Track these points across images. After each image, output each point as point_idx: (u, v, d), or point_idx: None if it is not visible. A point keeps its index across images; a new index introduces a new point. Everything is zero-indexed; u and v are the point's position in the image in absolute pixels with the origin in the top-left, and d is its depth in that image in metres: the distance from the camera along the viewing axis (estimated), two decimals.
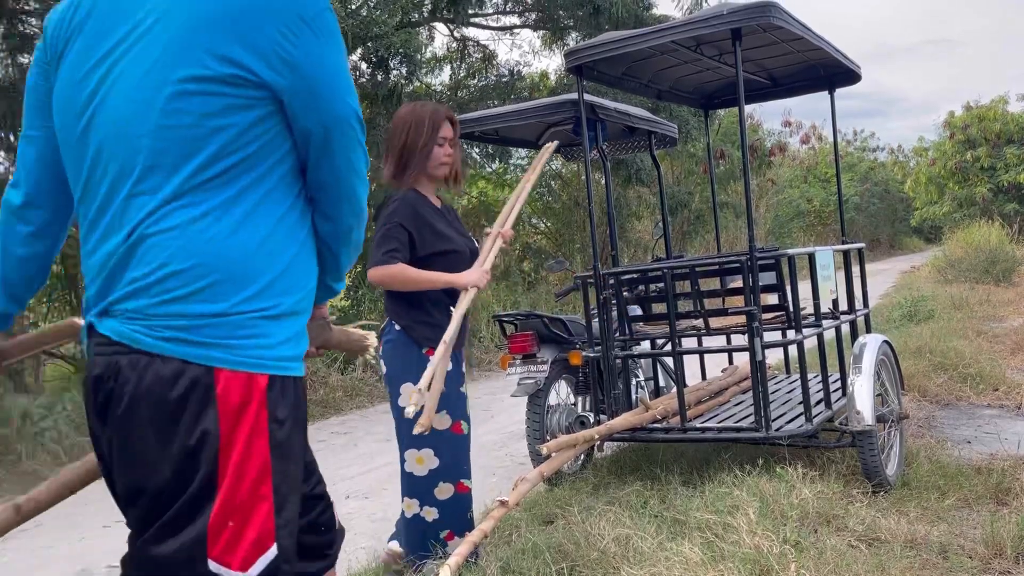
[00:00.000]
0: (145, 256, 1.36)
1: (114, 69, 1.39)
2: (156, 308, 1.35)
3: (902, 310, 9.81)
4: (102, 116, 1.40)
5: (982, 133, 23.63)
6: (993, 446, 4.41)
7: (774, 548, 2.80)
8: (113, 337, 1.37)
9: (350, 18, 7.33)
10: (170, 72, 1.35)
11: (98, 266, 1.42)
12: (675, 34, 3.84)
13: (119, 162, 1.39)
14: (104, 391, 1.38)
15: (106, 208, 1.41)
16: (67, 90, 1.44)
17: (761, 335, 3.75)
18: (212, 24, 1.35)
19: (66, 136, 1.46)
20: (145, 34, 1.37)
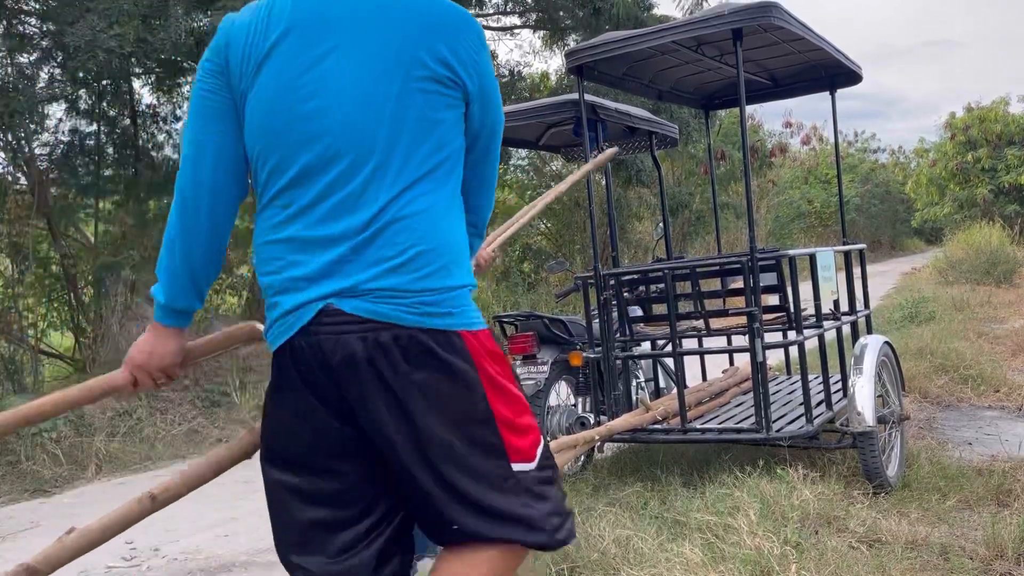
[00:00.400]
0: (395, 237, 1.55)
1: (335, 70, 1.57)
2: (410, 285, 1.55)
3: (903, 311, 9.80)
4: (330, 112, 1.56)
5: (983, 134, 23.61)
6: (994, 447, 4.41)
7: (775, 549, 2.79)
8: (365, 316, 1.53)
9: None
10: (401, 71, 1.57)
11: (324, 243, 1.55)
12: (676, 34, 3.84)
13: (354, 151, 1.56)
14: (363, 369, 1.53)
15: (334, 191, 1.56)
16: (279, 92, 1.58)
17: (762, 336, 3.74)
18: (430, 32, 1.59)
19: (277, 129, 1.59)
20: (364, 40, 1.57)
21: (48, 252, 7.92)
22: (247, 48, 1.61)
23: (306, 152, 1.57)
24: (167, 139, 8.75)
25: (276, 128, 1.59)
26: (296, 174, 1.58)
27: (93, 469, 5.68)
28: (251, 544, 4.02)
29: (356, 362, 1.53)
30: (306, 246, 1.57)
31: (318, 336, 1.55)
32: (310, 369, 1.57)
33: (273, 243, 1.61)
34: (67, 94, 7.59)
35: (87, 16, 6.33)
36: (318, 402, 1.59)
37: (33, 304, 7.86)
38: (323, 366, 1.56)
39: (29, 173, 7.40)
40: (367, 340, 1.53)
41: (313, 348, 1.55)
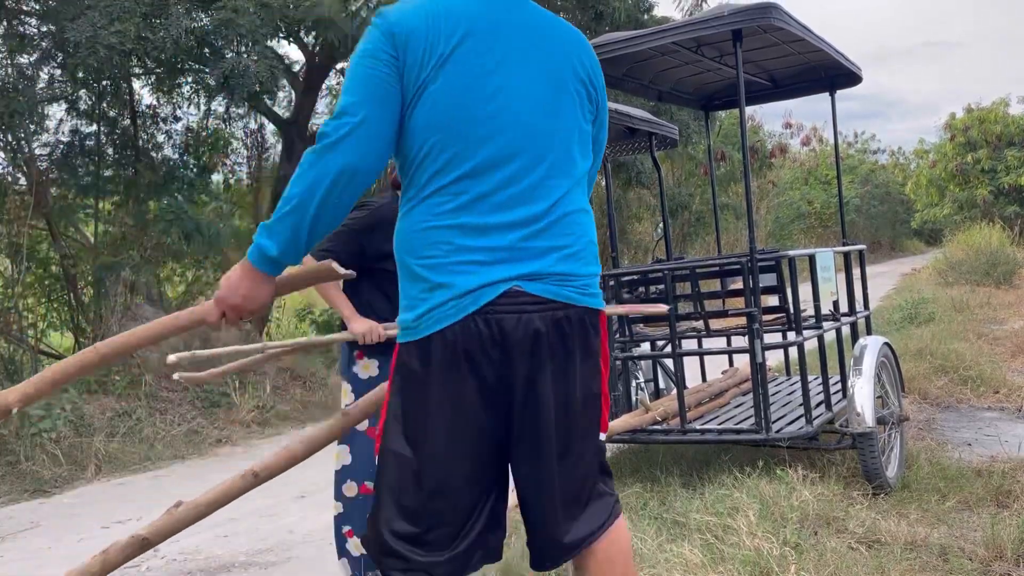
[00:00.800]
0: (567, 229, 1.79)
1: (513, 76, 1.76)
2: (579, 270, 1.80)
3: (903, 312, 9.80)
4: (510, 113, 1.75)
5: (983, 135, 23.62)
6: (994, 448, 4.41)
7: (774, 550, 2.80)
8: (548, 297, 1.75)
9: (350, 19, 7.31)
10: (564, 83, 1.81)
11: (500, 230, 1.73)
12: (676, 35, 3.84)
13: (531, 150, 1.76)
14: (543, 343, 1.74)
15: (511, 184, 1.74)
16: (462, 90, 1.73)
17: (761, 337, 3.74)
18: (577, 51, 1.86)
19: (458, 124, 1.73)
20: (533, 51, 1.79)
21: (48, 252, 7.92)
22: (429, 45, 1.72)
23: (487, 147, 1.73)
24: (167, 139, 8.76)
25: (457, 123, 1.72)
26: (474, 166, 1.72)
27: (93, 469, 5.68)
28: (250, 545, 4.03)
29: (538, 337, 1.73)
30: (481, 232, 1.72)
31: (497, 315, 1.71)
32: (480, 347, 1.71)
33: (441, 228, 1.73)
34: (67, 95, 7.59)
35: (88, 13, 6.34)
36: (474, 380, 1.72)
37: (33, 304, 7.85)
38: (497, 343, 1.71)
39: (29, 173, 7.40)
40: (547, 318, 1.74)
41: (490, 326, 1.71)
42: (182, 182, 8.32)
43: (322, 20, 7.00)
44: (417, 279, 1.76)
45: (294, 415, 7.25)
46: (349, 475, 2.98)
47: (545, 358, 1.75)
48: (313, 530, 4.18)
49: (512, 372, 1.74)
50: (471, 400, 1.73)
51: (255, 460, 1.83)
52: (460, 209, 1.72)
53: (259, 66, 6.63)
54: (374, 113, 1.71)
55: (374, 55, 1.73)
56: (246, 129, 9.65)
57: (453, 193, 1.73)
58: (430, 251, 1.74)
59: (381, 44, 1.73)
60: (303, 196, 1.70)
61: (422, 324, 1.73)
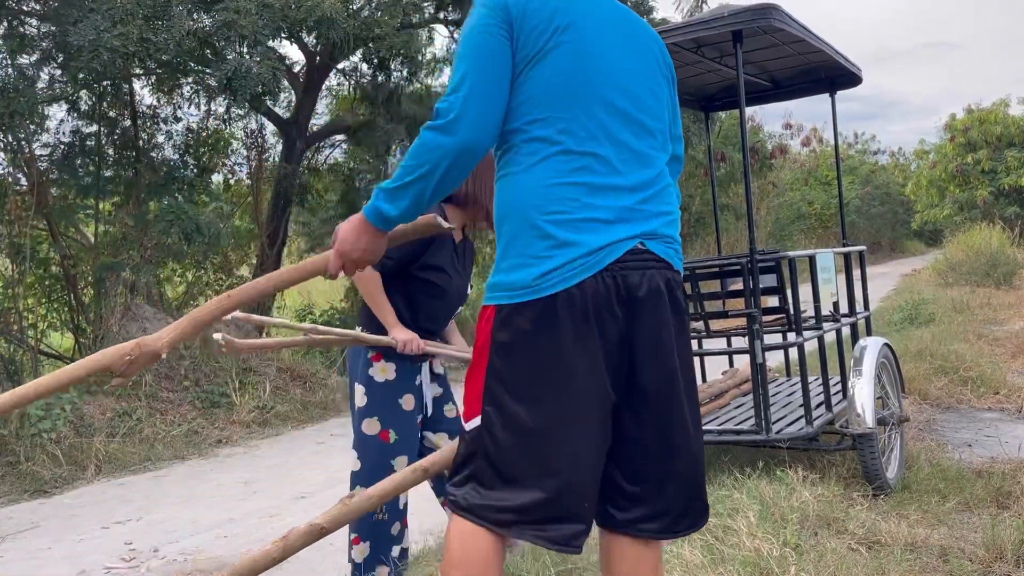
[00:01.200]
0: (668, 198, 1.92)
1: (620, 59, 1.88)
2: (675, 235, 1.91)
3: (903, 313, 9.80)
4: (621, 86, 1.87)
5: (983, 136, 23.60)
6: (994, 449, 4.41)
7: (774, 551, 2.79)
8: (663, 256, 1.85)
9: (351, 19, 7.32)
10: (657, 71, 1.98)
11: (619, 191, 1.82)
12: (676, 36, 3.84)
13: (643, 122, 1.89)
14: (664, 301, 1.83)
15: (630, 149, 1.86)
16: (577, 63, 1.82)
17: (761, 337, 3.74)
18: (662, 47, 2.03)
19: (576, 93, 1.82)
20: (631, 37, 1.93)
21: (48, 252, 7.92)
22: (547, 17, 1.81)
23: (606, 114, 1.83)
24: (167, 140, 8.76)
25: (579, 87, 1.82)
26: (595, 130, 1.82)
27: (93, 470, 5.68)
28: (250, 545, 4.02)
29: (660, 293, 1.82)
30: (606, 192, 1.80)
31: (624, 271, 1.78)
32: (608, 304, 1.76)
33: (569, 185, 1.78)
34: (67, 95, 7.59)
35: (91, 16, 6.34)
36: (600, 339, 1.75)
37: (33, 304, 7.85)
38: (623, 300, 1.78)
39: (29, 173, 7.40)
40: (664, 276, 1.84)
41: (616, 282, 1.77)
42: (182, 182, 8.32)
43: (324, 20, 7.00)
44: (542, 236, 1.77)
45: (294, 415, 7.25)
46: (359, 481, 2.92)
47: (666, 312, 1.83)
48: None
49: (637, 327, 1.79)
50: (598, 360, 1.75)
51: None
52: (585, 169, 1.80)
53: (262, 67, 6.63)
54: (487, 88, 1.78)
55: (486, 29, 1.80)
56: (246, 129, 9.65)
57: (579, 152, 1.80)
58: (559, 206, 1.77)
59: (494, 17, 1.80)
60: (427, 170, 1.77)
61: (545, 282, 1.74)
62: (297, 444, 6.36)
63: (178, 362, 7.16)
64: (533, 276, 1.75)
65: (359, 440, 2.92)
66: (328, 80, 10.03)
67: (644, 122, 1.89)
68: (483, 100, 1.77)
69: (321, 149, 10.62)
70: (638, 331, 1.79)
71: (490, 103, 1.78)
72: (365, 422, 2.89)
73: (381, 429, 2.91)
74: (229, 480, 5.32)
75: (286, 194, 9.33)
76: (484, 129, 1.78)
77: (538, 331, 1.74)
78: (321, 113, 10.60)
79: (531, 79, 1.80)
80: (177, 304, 8.82)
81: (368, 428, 2.90)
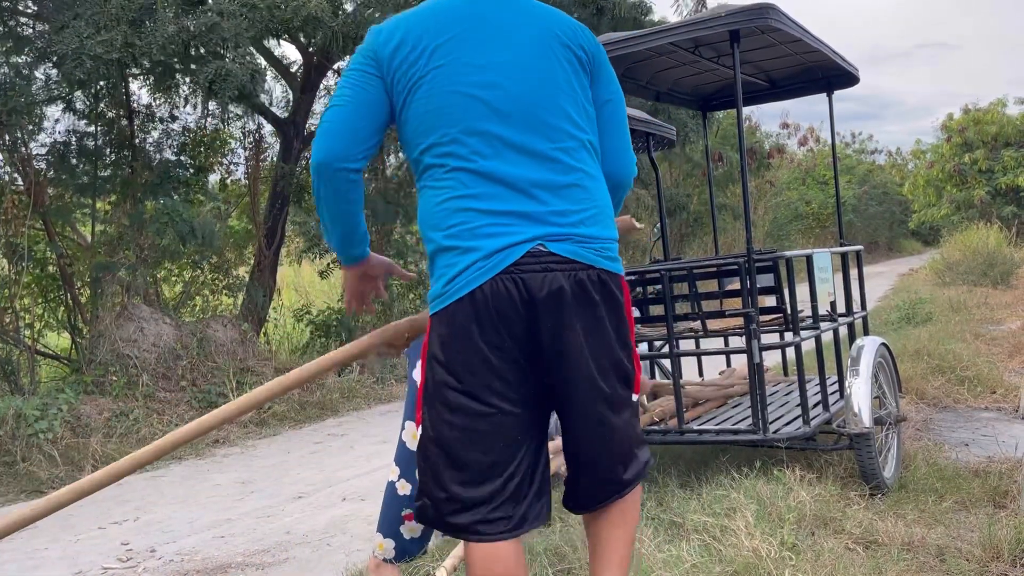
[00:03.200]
0: (579, 195, 1.90)
1: (498, 56, 1.91)
2: (595, 233, 1.90)
3: (900, 312, 9.81)
4: (501, 88, 1.88)
5: (980, 136, 23.64)
6: (991, 449, 4.41)
7: (771, 551, 2.79)
8: (570, 256, 1.85)
9: (338, 18, 7.30)
10: (552, 54, 1.96)
11: (522, 195, 1.85)
12: (674, 36, 3.84)
13: (531, 119, 1.89)
14: (568, 300, 1.84)
15: (522, 151, 1.87)
16: (454, 76, 1.87)
17: (759, 337, 3.74)
18: (560, 24, 2.01)
19: (457, 103, 1.86)
20: (515, 33, 1.94)
21: (45, 252, 7.90)
22: (416, 49, 1.90)
23: (488, 122, 1.87)
24: (164, 139, 8.74)
25: (455, 106, 1.87)
26: (480, 141, 1.87)
27: (90, 470, 5.67)
28: (247, 545, 4.02)
29: (562, 294, 1.83)
30: (499, 199, 1.85)
31: (523, 273, 1.82)
32: (510, 304, 1.81)
33: (461, 198, 1.85)
34: (64, 95, 7.58)
35: (74, 23, 6.33)
36: (508, 338, 1.82)
37: (29, 304, 7.84)
38: (524, 301, 1.82)
39: (26, 173, 7.39)
40: (570, 277, 1.84)
41: (517, 284, 1.81)
42: (178, 182, 8.31)
43: (310, 19, 6.99)
44: (445, 250, 1.86)
45: (291, 415, 7.24)
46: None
47: (571, 314, 1.84)
48: (310, 531, 4.18)
49: (540, 328, 1.83)
50: (509, 358, 1.83)
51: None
52: (476, 179, 1.85)
53: (241, 70, 6.64)
54: (341, 112, 1.90)
55: (360, 68, 1.93)
56: (244, 129, 9.64)
57: (467, 169, 1.85)
58: (455, 220, 1.85)
59: (364, 61, 1.93)
60: (315, 193, 2.00)
61: (451, 289, 1.83)
62: (294, 444, 6.35)
63: (175, 362, 7.16)
64: (442, 284, 1.85)
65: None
66: (326, 80, 10.02)
67: (542, 123, 1.89)
68: (335, 127, 1.90)
69: None
70: (542, 333, 1.84)
71: (343, 129, 1.90)
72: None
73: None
74: (226, 480, 5.32)
75: (283, 194, 9.32)
76: (332, 150, 1.89)
77: (454, 334, 1.83)
78: (319, 112, 10.59)
79: (412, 110, 1.90)
80: (174, 304, 8.80)
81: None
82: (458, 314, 1.82)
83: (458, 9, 1.93)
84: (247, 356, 7.67)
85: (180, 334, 7.33)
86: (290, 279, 12.81)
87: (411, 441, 3.03)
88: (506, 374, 1.83)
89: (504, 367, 1.83)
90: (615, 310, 1.92)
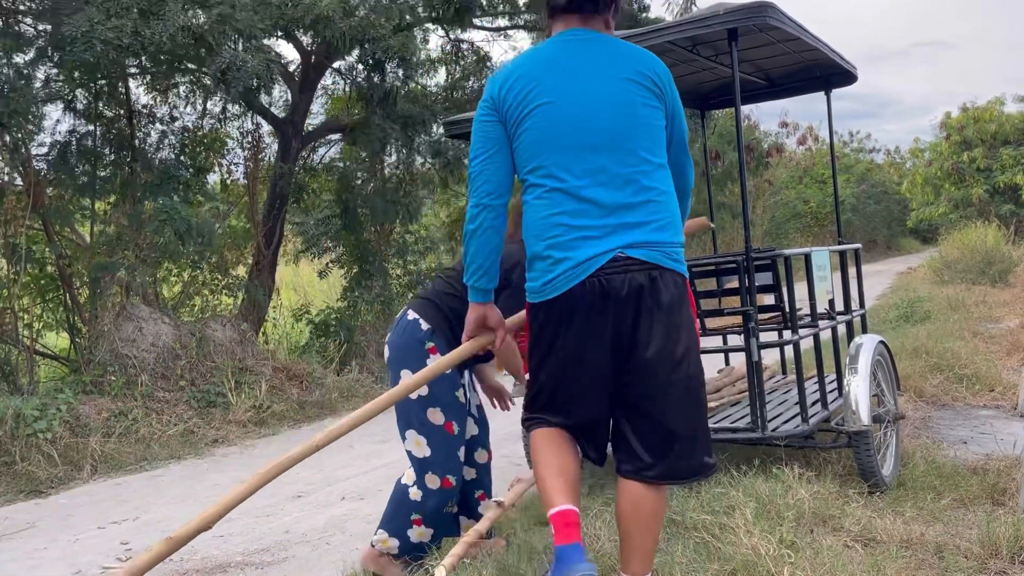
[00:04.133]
0: (654, 209, 2.36)
1: (586, 93, 2.39)
2: (665, 239, 2.37)
3: (899, 311, 9.82)
4: (593, 131, 2.34)
5: (978, 134, 23.63)
6: (989, 447, 4.42)
7: (770, 548, 2.80)
8: (645, 259, 2.32)
9: (348, 18, 7.30)
10: (630, 88, 2.40)
11: (608, 210, 2.32)
12: (672, 34, 3.84)
13: (615, 146, 2.35)
14: (645, 295, 2.31)
15: (608, 173, 2.33)
16: (551, 114, 2.37)
17: (757, 335, 3.74)
18: (638, 60, 2.48)
19: (554, 136, 2.36)
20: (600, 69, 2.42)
21: (44, 252, 7.90)
22: (521, 93, 2.40)
23: (578, 151, 2.36)
24: (163, 139, 8.73)
25: (552, 143, 2.36)
26: (573, 167, 2.34)
27: (89, 470, 5.67)
28: (246, 545, 4.02)
29: (641, 290, 2.30)
30: (589, 215, 2.32)
31: (607, 276, 2.29)
32: (595, 300, 2.29)
33: (558, 214, 2.33)
34: (64, 94, 7.57)
35: (85, 8, 6.33)
36: (593, 325, 2.31)
37: (28, 304, 7.83)
38: (608, 297, 2.29)
39: (25, 173, 7.38)
40: (645, 276, 2.31)
41: (602, 284, 2.29)
42: (178, 182, 8.30)
43: (321, 18, 6.98)
44: (543, 257, 2.35)
45: (290, 415, 7.24)
46: (430, 467, 3.08)
47: (647, 306, 2.30)
48: (309, 530, 4.18)
49: (622, 321, 2.31)
50: (594, 343, 2.32)
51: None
52: (568, 199, 2.32)
53: (256, 60, 6.61)
54: (480, 161, 2.43)
55: (483, 119, 2.45)
56: (242, 129, 9.63)
57: (560, 190, 2.33)
58: (551, 232, 2.33)
59: (486, 111, 2.45)
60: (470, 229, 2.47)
61: (548, 288, 2.34)
62: (293, 444, 6.33)
63: (174, 362, 7.15)
64: (541, 284, 2.36)
65: (426, 428, 3.06)
66: (323, 79, 10.01)
67: (624, 151, 2.33)
68: (484, 169, 2.42)
69: (316, 148, 10.59)
70: (623, 323, 2.31)
71: (489, 170, 2.42)
72: (430, 411, 3.05)
73: (446, 420, 3.07)
74: (225, 480, 5.32)
75: (282, 194, 9.31)
76: (483, 191, 2.42)
77: (546, 323, 2.38)
78: (317, 112, 10.58)
79: (521, 140, 2.38)
80: (173, 304, 8.80)
81: (434, 417, 3.06)
82: (551, 308, 2.34)
83: (553, 53, 2.41)
84: (246, 356, 7.67)
85: (179, 334, 7.33)
86: (289, 279, 12.81)
87: (416, 448, 3.06)
88: (584, 351, 2.34)
89: (584, 346, 2.33)
90: (683, 304, 2.39)
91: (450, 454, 3.09)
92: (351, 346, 9.00)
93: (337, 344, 8.92)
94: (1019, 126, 23.30)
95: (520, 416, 2.59)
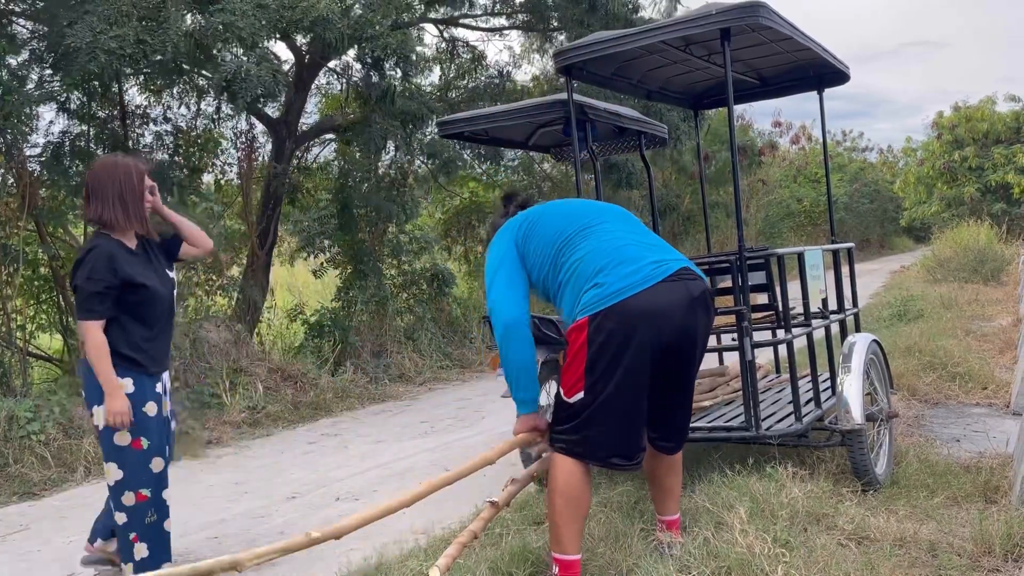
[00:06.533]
0: (665, 248, 2.98)
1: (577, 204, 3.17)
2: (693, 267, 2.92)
3: (892, 309, 9.85)
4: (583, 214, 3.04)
5: (970, 133, 23.70)
6: (982, 444, 4.43)
7: (764, 547, 2.81)
8: (699, 274, 2.87)
9: (345, 17, 7.28)
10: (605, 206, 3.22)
11: (637, 263, 2.82)
12: (664, 34, 3.84)
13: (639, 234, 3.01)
14: (702, 301, 2.84)
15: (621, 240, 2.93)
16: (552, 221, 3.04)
17: (751, 335, 3.75)
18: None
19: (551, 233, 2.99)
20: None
21: (37, 254, 7.87)
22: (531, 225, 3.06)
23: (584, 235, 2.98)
24: (157, 141, 8.70)
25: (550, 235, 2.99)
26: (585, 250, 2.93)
27: (82, 471, 5.65)
28: (241, 546, 4.02)
29: (706, 296, 2.85)
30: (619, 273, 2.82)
31: (683, 281, 2.78)
32: (684, 298, 2.79)
33: (590, 288, 2.80)
34: (57, 95, 7.54)
35: (85, 18, 6.29)
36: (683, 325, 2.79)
37: (21, 306, 7.80)
38: (693, 297, 2.80)
39: (19, 174, 7.35)
40: (697, 287, 2.83)
41: (687, 286, 2.79)
42: (172, 182, 8.27)
43: (320, 20, 6.97)
44: (597, 285, 2.79)
45: (285, 416, 7.23)
46: (125, 487, 3.22)
47: (702, 312, 2.86)
48: (304, 531, 4.17)
49: (695, 318, 2.84)
50: (677, 337, 2.80)
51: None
52: (596, 273, 2.78)
53: (261, 70, 6.57)
54: (506, 280, 2.94)
55: (505, 248, 3.00)
56: (235, 129, 9.60)
57: (585, 272, 2.82)
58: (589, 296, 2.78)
59: (508, 241, 3.01)
60: (502, 351, 2.91)
61: (625, 289, 2.71)
62: (288, 444, 6.35)
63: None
64: (616, 288, 2.73)
65: (115, 453, 3.19)
66: (317, 79, 9.99)
67: (644, 235, 2.97)
68: (504, 289, 2.91)
69: (311, 148, 10.58)
70: (696, 322, 2.84)
71: (509, 289, 2.92)
72: (116, 435, 3.17)
73: (132, 439, 3.20)
74: (220, 481, 5.31)
75: (276, 194, 9.29)
76: (509, 307, 2.89)
77: (616, 330, 2.70)
78: (311, 112, 10.56)
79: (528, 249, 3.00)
80: None
81: (120, 440, 3.18)
82: (610, 316, 2.69)
83: (555, 203, 3.10)
84: (240, 356, 7.65)
85: (173, 335, 7.31)
86: (283, 279, 12.78)
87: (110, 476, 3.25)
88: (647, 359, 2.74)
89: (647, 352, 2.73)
90: (712, 311, 2.94)
91: (141, 469, 3.23)
92: (346, 346, 8.99)
93: (332, 344, 8.91)
94: (1010, 125, 23.37)
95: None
